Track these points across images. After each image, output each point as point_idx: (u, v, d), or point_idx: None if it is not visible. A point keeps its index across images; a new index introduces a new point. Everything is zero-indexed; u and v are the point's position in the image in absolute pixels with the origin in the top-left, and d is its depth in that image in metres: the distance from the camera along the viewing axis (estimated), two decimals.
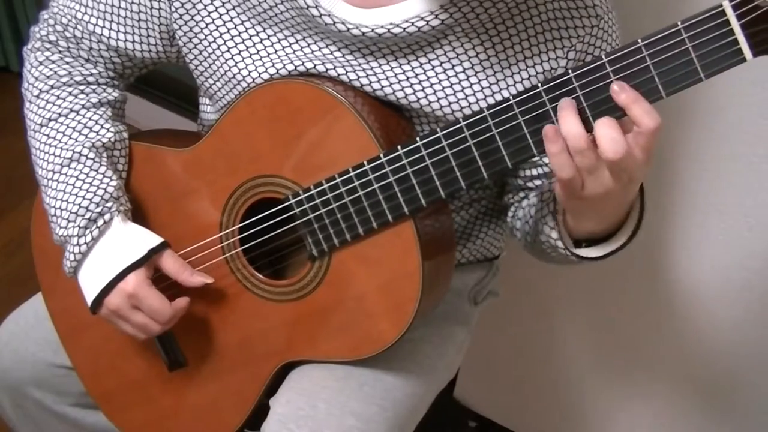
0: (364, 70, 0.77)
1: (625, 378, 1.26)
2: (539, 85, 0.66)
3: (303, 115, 0.77)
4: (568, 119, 0.63)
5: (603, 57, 0.63)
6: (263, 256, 0.86)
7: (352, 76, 0.77)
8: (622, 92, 0.62)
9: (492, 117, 0.68)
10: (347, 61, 0.78)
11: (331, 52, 0.78)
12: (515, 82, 0.77)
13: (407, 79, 0.77)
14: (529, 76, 0.77)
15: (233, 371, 0.88)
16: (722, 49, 0.59)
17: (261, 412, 0.85)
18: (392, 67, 0.77)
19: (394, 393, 0.85)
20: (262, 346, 0.86)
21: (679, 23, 0.60)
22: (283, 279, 0.84)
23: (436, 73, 0.76)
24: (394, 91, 0.77)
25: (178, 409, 0.92)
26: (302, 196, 0.78)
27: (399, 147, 0.73)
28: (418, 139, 0.72)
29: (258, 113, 0.80)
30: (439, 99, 0.77)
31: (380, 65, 0.77)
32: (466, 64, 0.76)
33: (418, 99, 0.77)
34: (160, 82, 1.70)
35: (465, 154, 0.70)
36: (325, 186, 0.77)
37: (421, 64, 0.76)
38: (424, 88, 0.77)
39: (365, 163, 0.74)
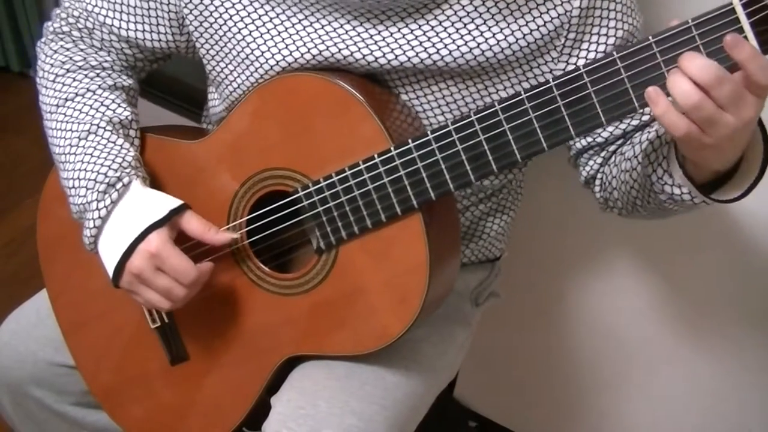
0: (376, 42, 0.77)
1: (624, 378, 1.27)
2: (551, 80, 0.67)
3: (314, 108, 0.78)
4: (675, 80, 0.61)
5: (614, 53, 0.64)
6: (268, 250, 0.86)
7: (365, 51, 0.78)
8: (735, 47, 0.59)
9: (503, 111, 0.69)
10: (358, 34, 0.78)
11: (341, 26, 0.78)
12: (531, 30, 0.76)
13: (420, 44, 0.77)
14: (545, 22, 0.76)
15: (235, 365, 0.88)
16: None
17: (262, 411, 0.85)
18: (404, 34, 0.77)
19: (395, 392, 0.85)
20: (266, 340, 0.86)
21: (689, 21, 0.61)
22: (287, 272, 0.84)
23: (449, 34, 0.76)
24: (409, 58, 0.77)
25: (179, 404, 0.92)
26: (311, 189, 0.79)
27: (410, 140, 0.74)
28: (429, 132, 0.73)
29: (269, 106, 0.80)
30: (455, 58, 0.77)
31: (391, 34, 0.77)
32: (479, 21, 0.76)
33: (435, 62, 0.77)
34: (160, 82, 1.70)
35: (475, 148, 0.71)
36: (335, 179, 0.77)
37: (433, 27, 0.76)
38: (439, 50, 0.77)
39: (375, 156, 0.75)
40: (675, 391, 1.23)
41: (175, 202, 0.82)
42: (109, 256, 0.82)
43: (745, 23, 0.59)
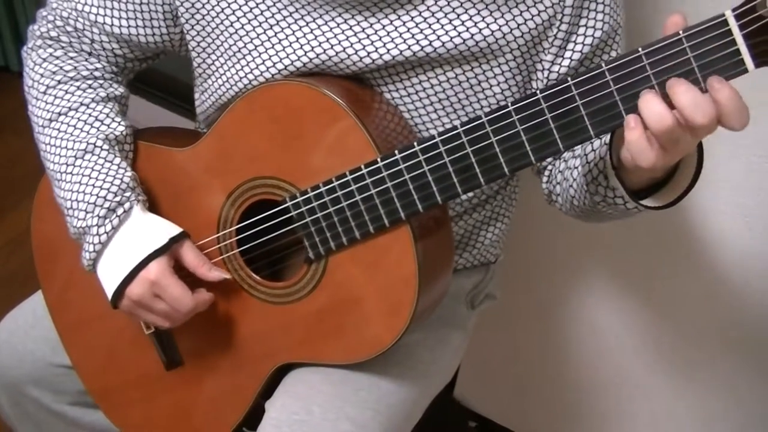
0: (369, 36, 0.76)
1: (623, 378, 1.27)
2: (538, 92, 0.66)
3: (302, 117, 0.77)
4: (649, 102, 0.61)
5: (603, 65, 0.63)
6: (262, 257, 0.85)
7: (358, 46, 0.77)
8: (723, 88, 0.59)
9: (490, 123, 0.68)
10: (350, 27, 0.77)
11: (333, 19, 0.77)
12: (525, 20, 0.75)
13: (413, 36, 0.76)
14: (539, 11, 0.75)
15: (230, 371, 0.88)
16: (724, 59, 0.59)
17: (260, 412, 0.85)
18: (396, 27, 0.76)
19: (390, 398, 0.85)
20: (258, 347, 0.86)
21: (680, 32, 0.60)
22: (281, 280, 0.84)
23: (442, 25, 0.75)
24: (401, 51, 0.76)
25: (174, 407, 0.93)
26: (299, 199, 0.78)
27: (396, 152, 0.73)
28: (415, 144, 0.72)
29: (257, 114, 0.80)
30: (449, 49, 0.76)
31: (384, 26, 0.76)
32: (472, 11, 0.75)
33: (428, 53, 0.76)
34: (159, 81, 1.69)
35: (462, 160, 0.70)
36: (323, 189, 0.76)
37: (425, 18, 0.75)
38: (431, 41, 0.76)
39: (362, 167, 0.74)
40: (675, 392, 1.22)
41: (175, 230, 0.82)
42: (109, 280, 0.82)
43: (738, 35, 0.58)
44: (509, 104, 0.67)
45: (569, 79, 0.64)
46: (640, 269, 1.17)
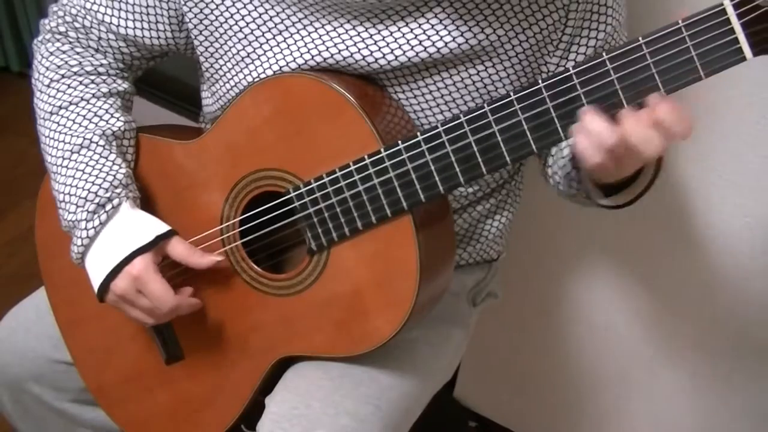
0: (376, 42, 0.77)
1: (624, 378, 1.27)
2: (540, 81, 0.66)
3: (305, 109, 0.78)
4: (592, 120, 0.64)
5: (603, 54, 0.64)
6: (263, 249, 0.86)
7: (365, 52, 0.77)
8: (661, 103, 0.62)
9: (492, 113, 0.69)
10: (358, 34, 0.78)
11: (342, 25, 0.78)
12: (530, 24, 0.76)
13: (420, 43, 0.76)
14: (543, 16, 0.76)
15: (230, 365, 0.89)
16: (722, 48, 0.60)
17: (258, 410, 0.85)
18: (404, 33, 0.77)
19: (390, 393, 0.85)
20: (259, 340, 0.86)
21: (680, 21, 0.61)
22: (282, 272, 0.84)
23: (449, 31, 0.76)
24: (409, 57, 0.77)
25: (174, 403, 0.93)
26: (303, 190, 0.79)
27: (399, 141, 0.73)
28: (418, 133, 0.73)
29: (261, 107, 0.80)
30: (455, 52, 0.76)
31: (391, 33, 0.77)
32: (479, 17, 0.75)
33: (434, 58, 0.77)
34: (160, 82, 1.70)
35: (465, 149, 0.71)
36: (326, 180, 0.77)
37: (433, 25, 0.76)
38: (439, 48, 0.76)
39: (366, 157, 0.75)
40: (675, 391, 1.22)
41: (162, 228, 0.83)
42: (95, 274, 0.83)
43: (736, 24, 0.59)
44: (511, 93, 0.68)
45: (570, 68, 0.65)
46: (641, 269, 1.17)
